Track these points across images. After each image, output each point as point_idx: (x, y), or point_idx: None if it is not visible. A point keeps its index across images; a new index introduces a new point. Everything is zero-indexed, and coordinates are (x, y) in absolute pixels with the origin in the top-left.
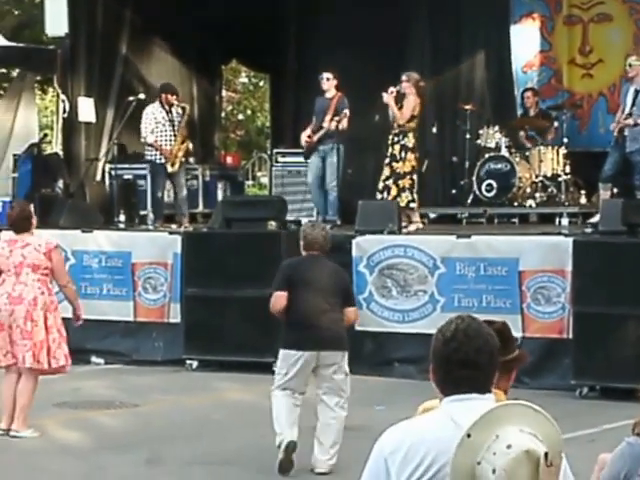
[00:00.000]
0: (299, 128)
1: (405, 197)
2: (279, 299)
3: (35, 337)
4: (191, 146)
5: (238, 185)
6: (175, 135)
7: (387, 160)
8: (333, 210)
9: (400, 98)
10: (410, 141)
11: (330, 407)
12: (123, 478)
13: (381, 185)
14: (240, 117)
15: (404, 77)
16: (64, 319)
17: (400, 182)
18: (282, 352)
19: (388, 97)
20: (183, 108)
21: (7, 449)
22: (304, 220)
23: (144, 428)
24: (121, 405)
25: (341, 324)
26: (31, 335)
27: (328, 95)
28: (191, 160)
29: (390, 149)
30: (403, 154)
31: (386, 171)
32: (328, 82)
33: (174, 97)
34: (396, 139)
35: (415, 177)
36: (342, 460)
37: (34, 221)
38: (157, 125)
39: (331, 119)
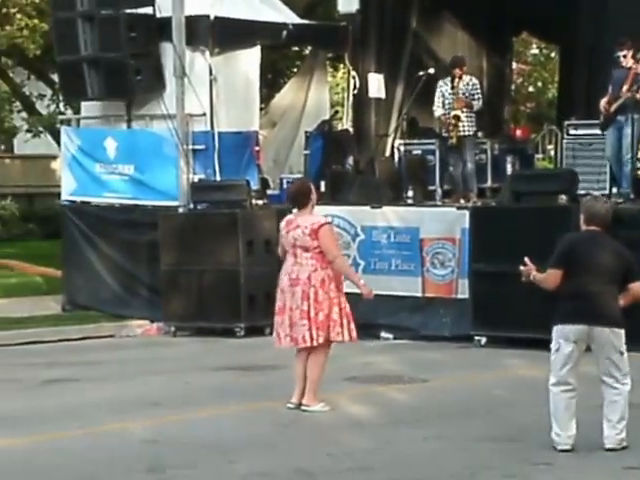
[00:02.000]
0: (591, 100)
1: None
2: (552, 277)
3: (312, 315)
4: (463, 117)
5: (528, 158)
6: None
7: None
8: (627, 183)
9: None
10: None
11: (610, 385)
12: (412, 453)
13: None
14: (530, 89)
15: None
16: (351, 294)
17: None
18: (555, 327)
19: None
20: (469, 80)
21: (299, 423)
22: (596, 194)
23: (432, 403)
24: (410, 380)
25: (615, 303)
26: (308, 314)
27: (625, 65)
28: (479, 134)
29: None
30: None
31: None
32: (625, 59)
33: (460, 70)
34: None
35: None
36: (629, 437)
37: (313, 197)
38: (444, 99)
39: (628, 89)
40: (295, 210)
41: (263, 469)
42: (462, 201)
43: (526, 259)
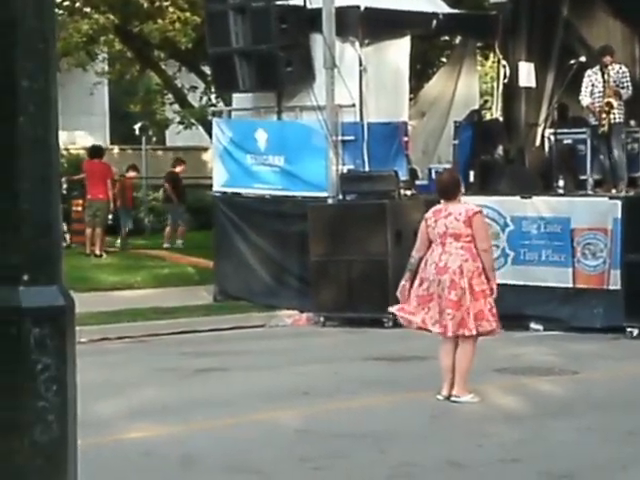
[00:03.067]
0: None
1: None
2: None
3: (461, 305)
4: (615, 104)
5: None
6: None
7: None
8: None
9: None
10: None
11: None
12: (563, 445)
13: None
14: None
15: None
16: (498, 285)
17: None
18: None
19: None
20: (619, 68)
21: (449, 414)
22: None
23: (584, 396)
24: (560, 372)
25: None
26: (456, 304)
27: None
28: (632, 123)
29: None
30: None
31: None
32: None
33: (609, 58)
34: None
35: None
36: None
37: (462, 188)
38: (593, 88)
39: None
40: (443, 201)
41: (413, 460)
42: (614, 191)
43: None
